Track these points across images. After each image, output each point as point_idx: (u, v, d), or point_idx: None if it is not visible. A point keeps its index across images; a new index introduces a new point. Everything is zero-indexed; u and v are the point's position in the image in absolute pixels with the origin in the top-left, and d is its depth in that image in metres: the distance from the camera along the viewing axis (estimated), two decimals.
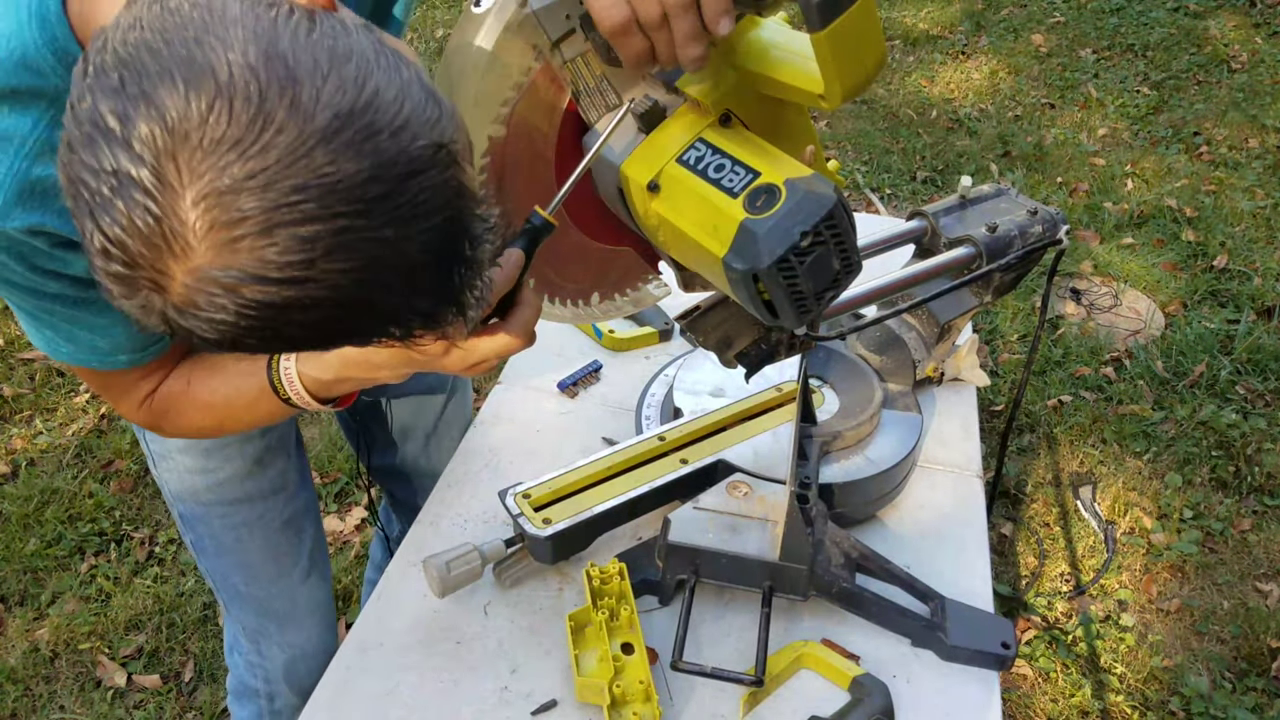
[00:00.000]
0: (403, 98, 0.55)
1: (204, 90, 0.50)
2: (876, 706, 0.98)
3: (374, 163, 0.53)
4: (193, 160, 0.50)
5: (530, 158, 0.82)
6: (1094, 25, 4.83)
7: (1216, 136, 3.95)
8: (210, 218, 0.51)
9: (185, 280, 0.52)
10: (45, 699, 2.04)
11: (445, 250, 0.58)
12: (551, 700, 1.01)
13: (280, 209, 0.51)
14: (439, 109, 0.57)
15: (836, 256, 0.69)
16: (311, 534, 1.38)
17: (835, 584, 1.06)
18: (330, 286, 0.54)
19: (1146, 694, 2.05)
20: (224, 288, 0.52)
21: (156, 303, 0.54)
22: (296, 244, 0.52)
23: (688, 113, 0.75)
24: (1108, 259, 3.28)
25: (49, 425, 2.69)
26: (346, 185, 0.52)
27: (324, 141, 0.51)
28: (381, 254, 0.55)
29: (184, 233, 0.51)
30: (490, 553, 1.08)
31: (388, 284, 0.56)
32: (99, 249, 0.53)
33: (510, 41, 0.74)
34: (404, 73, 0.57)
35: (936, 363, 1.36)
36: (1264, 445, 2.57)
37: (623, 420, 1.36)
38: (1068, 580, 2.30)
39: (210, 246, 0.51)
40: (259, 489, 1.26)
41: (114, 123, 0.51)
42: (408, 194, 0.54)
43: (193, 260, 0.52)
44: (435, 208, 0.56)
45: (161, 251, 0.52)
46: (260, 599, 1.36)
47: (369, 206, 0.53)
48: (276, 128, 0.50)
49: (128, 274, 0.53)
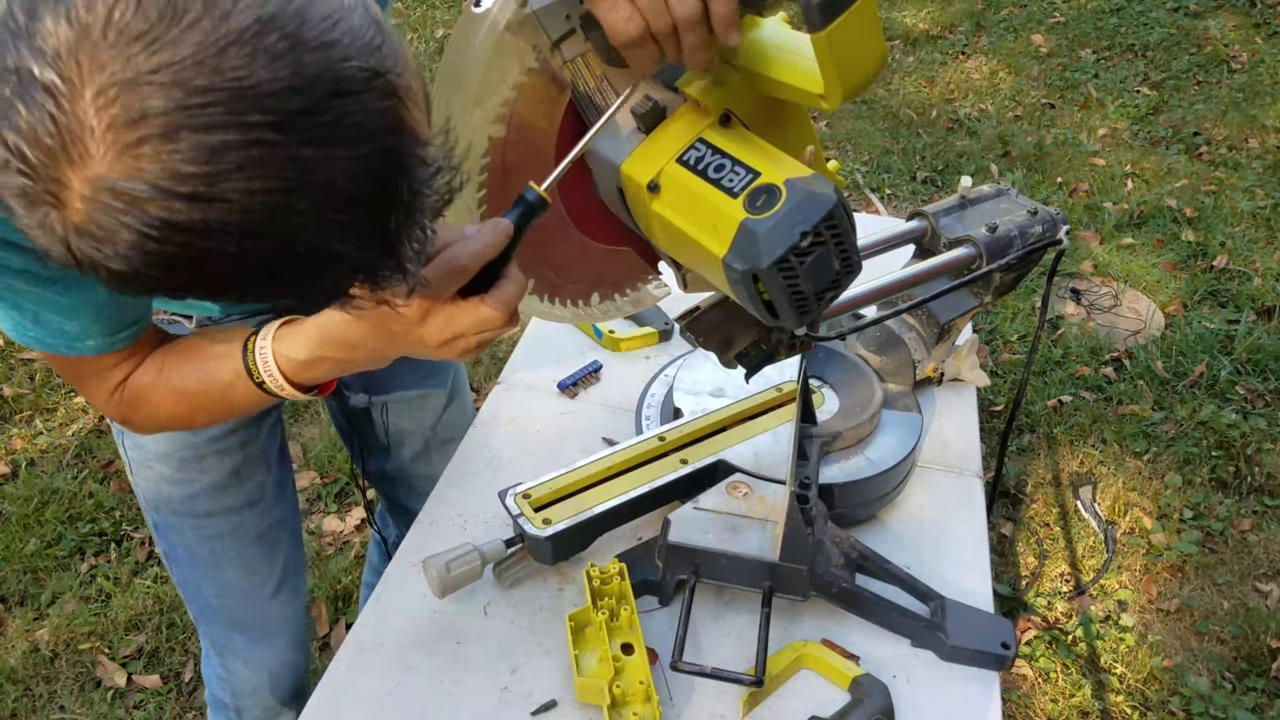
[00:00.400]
0: (337, 17, 0.52)
1: None
2: (876, 707, 0.98)
3: (294, 73, 0.49)
4: (96, 53, 0.47)
5: (531, 157, 0.82)
6: (1094, 25, 4.83)
7: (1216, 136, 3.95)
8: (110, 115, 0.47)
9: (83, 191, 0.49)
10: (45, 699, 2.04)
11: (377, 187, 0.55)
12: (551, 700, 1.01)
13: (186, 110, 0.48)
14: (382, 38, 0.54)
15: (836, 257, 0.70)
16: (286, 549, 1.36)
17: (835, 584, 1.06)
18: (242, 209, 0.50)
19: (1146, 694, 2.05)
20: (125, 201, 0.49)
21: (55, 222, 0.51)
22: (203, 152, 0.48)
23: (688, 113, 0.75)
24: (1108, 259, 3.29)
25: (49, 425, 2.69)
26: (260, 92, 0.48)
27: (239, 44, 0.48)
28: (300, 176, 0.51)
29: (82, 134, 0.48)
30: (490, 553, 1.08)
31: (308, 214, 0.52)
32: (2, 163, 0.50)
33: (510, 41, 0.74)
34: (346, 0, 0.53)
35: (936, 363, 1.36)
36: (1264, 445, 2.57)
37: (623, 420, 1.36)
38: (1068, 580, 2.30)
39: (109, 149, 0.48)
40: (235, 502, 1.25)
41: (22, 19, 0.48)
42: (331, 114, 0.51)
43: (91, 168, 0.49)
44: (365, 135, 0.53)
45: (58, 157, 0.49)
46: (230, 612, 1.35)
47: (285, 120, 0.49)
48: (189, 23, 0.47)
49: (27, 185, 0.50)
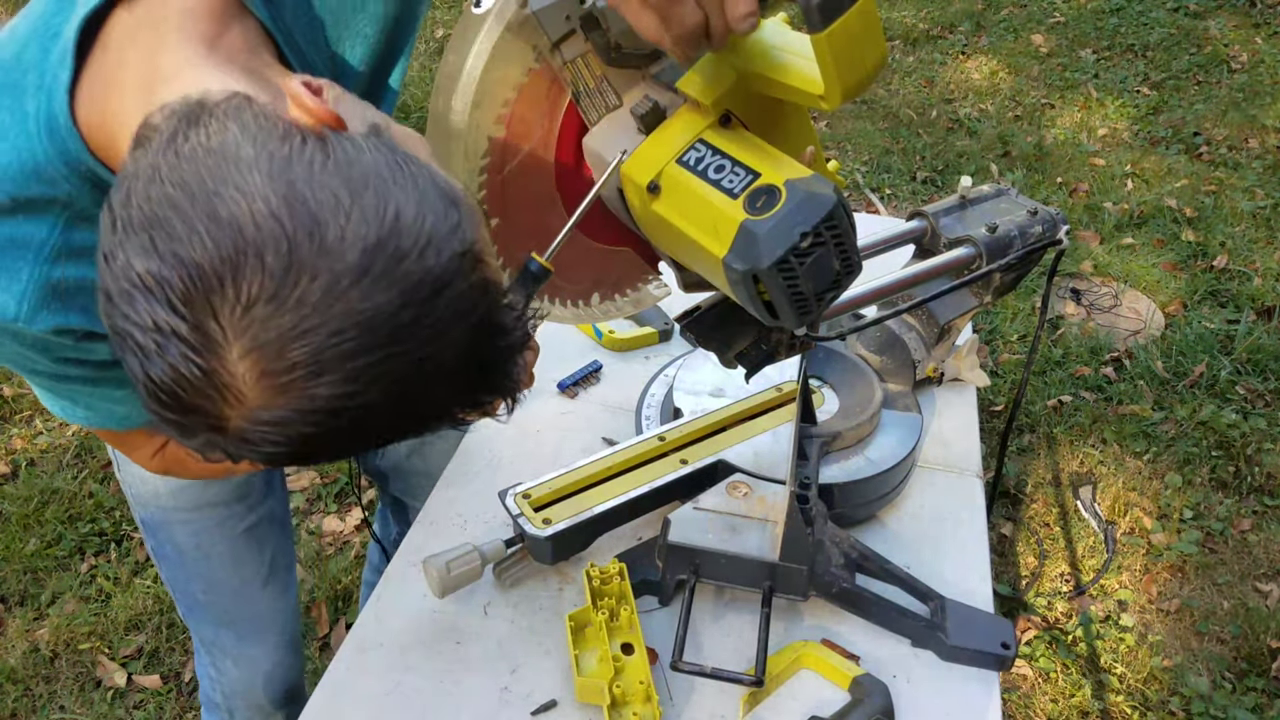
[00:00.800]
0: (423, 213, 0.56)
1: (234, 245, 0.52)
2: (876, 707, 0.98)
3: (404, 288, 0.54)
4: (233, 317, 0.52)
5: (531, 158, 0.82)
6: (1094, 25, 4.83)
7: (1216, 136, 3.95)
8: (259, 369, 0.53)
9: (240, 424, 0.55)
10: (45, 699, 2.04)
11: (479, 351, 0.60)
12: (551, 700, 1.01)
13: (324, 353, 0.53)
14: (457, 212, 0.58)
15: (836, 257, 0.69)
16: (274, 544, 1.36)
17: (835, 584, 1.06)
18: (372, 411, 0.56)
19: (1146, 694, 2.05)
20: (275, 425, 0.55)
21: (218, 440, 0.57)
22: (342, 381, 0.54)
23: (687, 113, 0.75)
24: (1108, 259, 3.28)
25: (49, 425, 2.69)
26: (381, 318, 0.54)
27: (356, 281, 0.53)
28: (419, 370, 0.57)
29: (235, 384, 0.53)
30: (490, 553, 1.08)
31: (428, 394, 0.59)
32: (150, 394, 0.55)
33: (510, 42, 0.74)
34: (420, 181, 0.58)
35: (936, 363, 1.36)
36: (1264, 445, 2.57)
37: (623, 420, 1.36)
38: (1068, 580, 2.30)
39: (261, 393, 0.54)
40: (220, 495, 1.25)
41: (151, 282, 0.52)
42: (437, 310, 0.56)
43: (247, 406, 0.54)
44: (464, 313, 0.58)
45: (215, 401, 0.54)
46: (218, 608, 1.36)
47: (404, 333, 0.55)
48: (309, 275, 0.52)
49: (181, 419, 0.56)
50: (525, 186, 0.83)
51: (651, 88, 0.78)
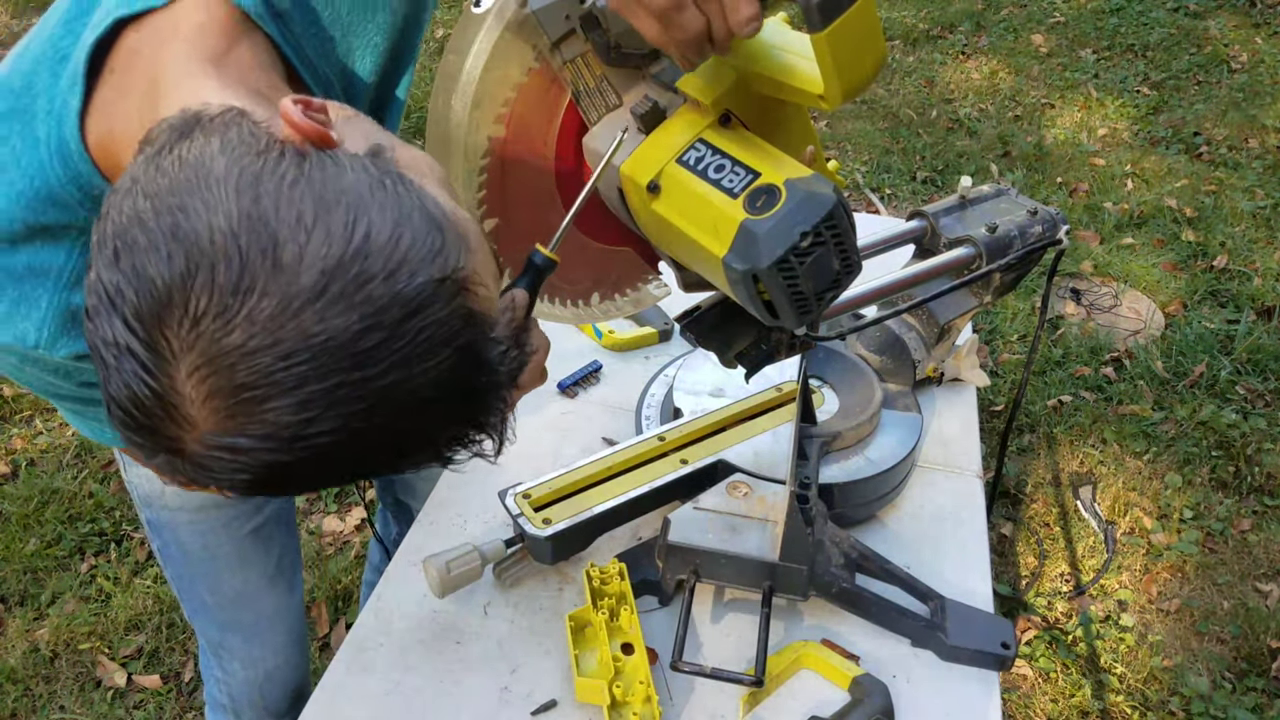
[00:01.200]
0: (399, 233, 0.53)
1: (187, 260, 0.50)
2: (876, 707, 0.98)
3: (366, 313, 0.51)
4: (181, 331, 0.50)
5: (531, 158, 0.82)
6: (1094, 25, 4.83)
7: (1216, 136, 3.95)
8: (205, 388, 0.51)
9: (194, 447, 0.53)
10: (45, 699, 2.04)
11: (459, 382, 0.57)
12: (551, 700, 1.01)
13: (273, 374, 0.50)
14: (442, 237, 0.55)
15: (836, 257, 0.69)
16: (281, 543, 1.35)
17: (835, 584, 1.06)
18: (337, 439, 0.53)
19: (1146, 694, 2.05)
20: (232, 452, 0.53)
21: (177, 463, 0.55)
22: (294, 408, 0.51)
23: (687, 113, 0.75)
24: (1108, 259, 3.28)
25: (49, 425, 2.69)
26: (338, 342, 0.51)
27: (310, 301, 0.50)
28: (387, 398, 0.53)
29: (182, 405, 0.51)
30: (490, 553, 1.08)
31: (399, 424, 0.55)
32: (111, 412, 0.54)
33: (510, 42, 0.74)
34: (404, 204, 0.55)
35: (936, 363, 1.36)
36: (1264, 445, 2.57)
37: (623, 420, 1.36)
38: (1068, 580, 2.30)
39: (210, 415, 0.51)
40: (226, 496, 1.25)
41: (113, 294, 0.51)
42: (407, 336, 0.53)
43: (198, 428, 0.52)
44: (441, 342, 0.54)
45: (166, 421, 0.52)
46: (225, 610, 1.35)
47: (365, 358, 0.52)
48: (260, 292, 0.50)
49: (141, 440, 0.54)
50: (525, 186, 0.83)
51: (651, 87, 0.78)
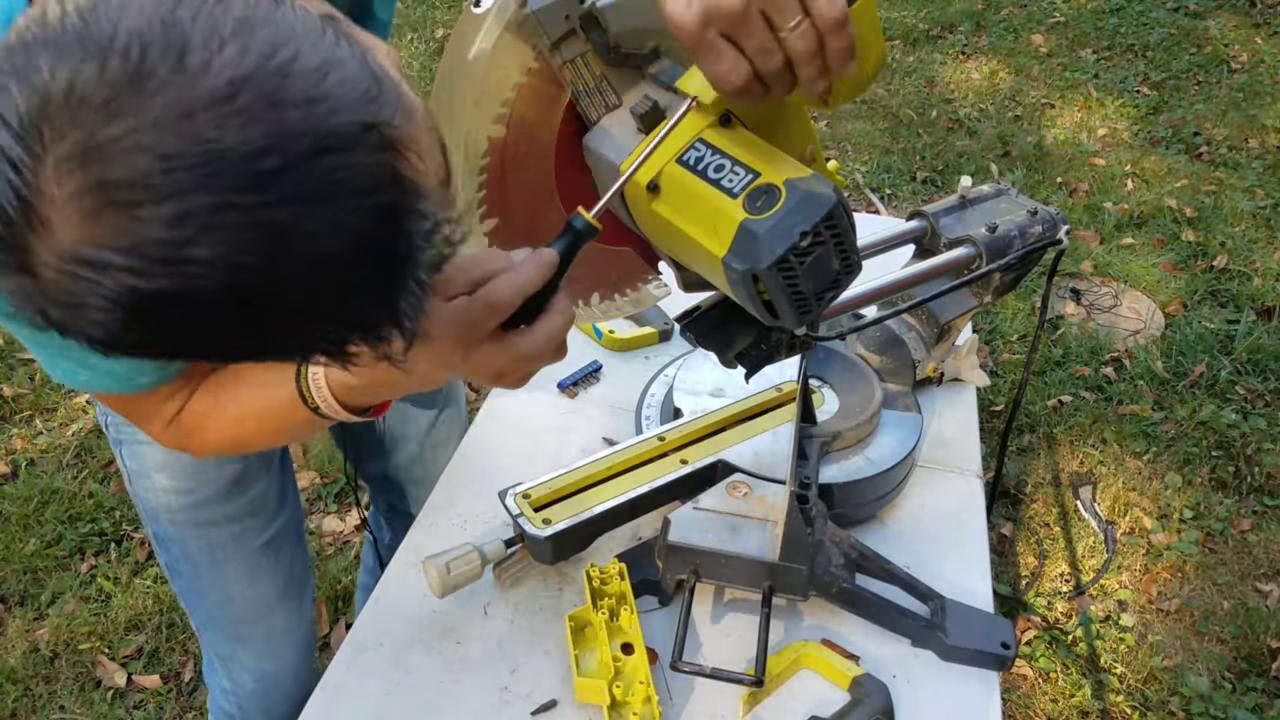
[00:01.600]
0: (329, 69, 0.49)
1: (84, 54, 0.45)
2: (876, 707, 0.98)
3: (272, 133, 0.46)
4: (58, 122, 0.45)
5: (532, 158, 0.82)
6: (1094, 25, 4.83)
7: (1216, 136, 3.95)
8: (70, 184, 0.45)
9: (49, 260, 0.47)
10: (45, 699, 2.04)
11: (369, 245, 0.51)
12: (551, 700, 1.01)
13: (148, 176, 0.45)
14: (379, 87, 0.51)
15: (836, 257, 0.69)
16: (289, 555, 1.34)
17: (835, 584, 1.06)
18: (215, 274, 0.47)
19: (1146, 694, 2.05)
20: (92, 268, 0.46)
21: (30, 290, 0.49)
22: (169, 221, 0.45)
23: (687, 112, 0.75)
24: (1108, 259, 3.28)
25: (49, 425, 2.69)
26: (233, 156, 0.45)
27: (210, 107, 0.45)
28: (278, 238, 0.47)
29: (42, 204, 0.46)
30: (490, 553, 1.08)
31: (291, 277, 0.49)
32: None
33: (510, 42, 0.74)
34: (341, 50, 0.50)
35: (936, 363, 1.36)
36: (1264, 445, 2.57)
37: (623, 420, 1.36)
38: (1068, 580, 2.30)
39: (69, 219, 0.46)
40: (236, 510, 1.23)
41: (4, 101, 0.46)
42: (315, 172, 0.47)
43: (54, 235, 0.46)
44: (355, 191, 0.49)
45: (22, 227, 0.46)
46: (234, 622, 1.33)
47: (258, 181, 0.46)
48: (155, 88, 0.45)
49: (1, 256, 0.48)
50: (525, 186, 0.83)
51: (651, 87, 0.78)
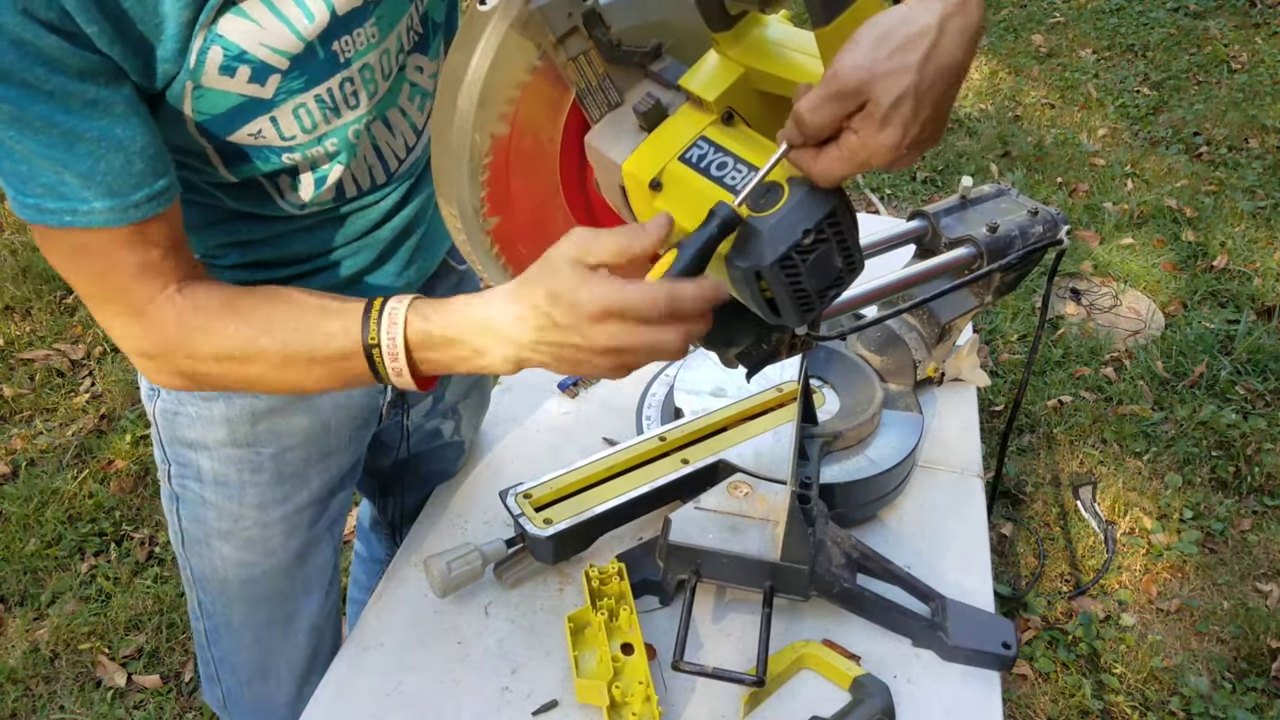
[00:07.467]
0: None
1: None
2: (877, 707, 0.98)
3: None
4: None
5: (534, 156, 0.82)
6: (1094, 25, 4.83)
7: (1216, 136, 3.95)
8: None
9: None
10: (45, 699, 2.04)
11: None
12: (552, 700, 1.00)
13: None
14: None
15: (839, 254, 0.69)
16: (330, 641, 1.24)
17: (836, 584, 1.06)
18: None
19: (1146, 694, 2.05)
20: None
21: None
22: None
23: (690, 111, 0.75)
24: (1108, 259, 3.28)
25: (49, 425, 2.69)
26: None
27: None
28: None
29: None
30: (491, 553, 1.08)
31: None
32: None
33: (515, 40, 0.74)
34: None
35: (937, 363, 1.36)
36: (1264, 445, 2.57)
37: (623, 420, 1.36)
38: (1068, 580, 2.30)
39: None
40: (292, 587, 1.15)
41: None
42: None
43: None
44: None
45: None
46: (256, 697, 1.23)
47: None
48: None
49: None
50: (528, 184, 0.83)
51: (653, 85, 0.77)
